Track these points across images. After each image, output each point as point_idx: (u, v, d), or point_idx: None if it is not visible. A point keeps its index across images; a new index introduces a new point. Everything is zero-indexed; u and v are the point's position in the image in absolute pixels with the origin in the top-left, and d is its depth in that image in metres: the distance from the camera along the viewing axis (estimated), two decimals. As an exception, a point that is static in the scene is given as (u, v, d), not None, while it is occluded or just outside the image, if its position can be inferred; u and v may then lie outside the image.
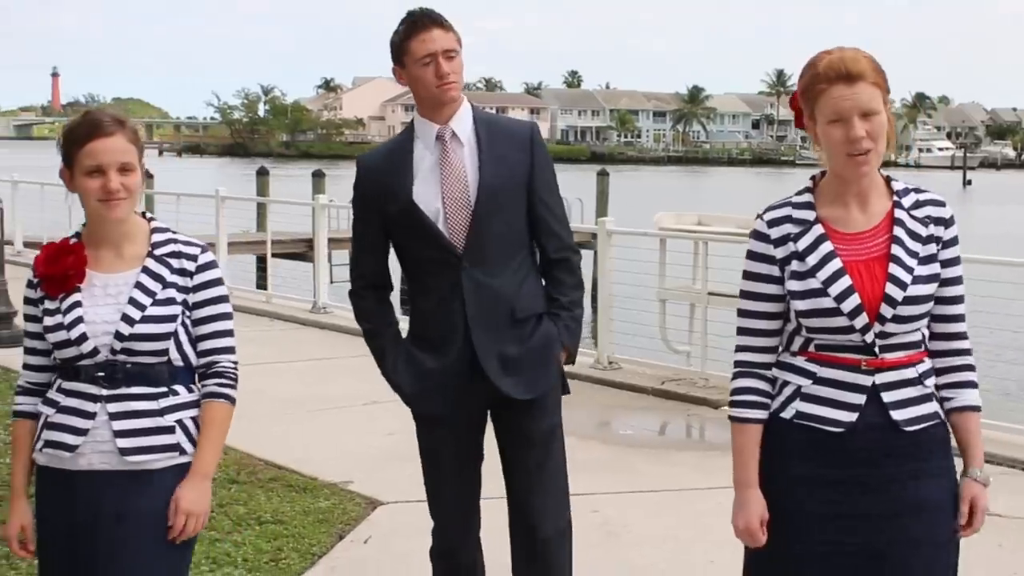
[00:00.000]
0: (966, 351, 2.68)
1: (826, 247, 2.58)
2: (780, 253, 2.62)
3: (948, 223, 2.63)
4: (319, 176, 26.11)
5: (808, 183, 2.68)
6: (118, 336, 2.75)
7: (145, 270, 2.82)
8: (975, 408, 2.68)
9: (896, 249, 2.58)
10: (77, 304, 2.79)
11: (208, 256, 2.89)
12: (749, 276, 2.67)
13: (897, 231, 2.59)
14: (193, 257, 2.86)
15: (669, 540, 5.17)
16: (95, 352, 2.77)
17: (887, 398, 2.57)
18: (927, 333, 2.64)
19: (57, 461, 2.80)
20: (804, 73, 2.58)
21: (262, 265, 16.95)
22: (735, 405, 2.68)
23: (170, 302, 2.81)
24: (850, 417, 2.56)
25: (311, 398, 7.83)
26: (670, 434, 7.55)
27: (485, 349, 3.43)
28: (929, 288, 2.58)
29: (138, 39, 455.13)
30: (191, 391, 2.87)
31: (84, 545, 2.77)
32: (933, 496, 2.59)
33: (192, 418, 2.85)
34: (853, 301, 2.53)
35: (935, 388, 2.65)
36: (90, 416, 2.78)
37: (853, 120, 2.50)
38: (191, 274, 2.85)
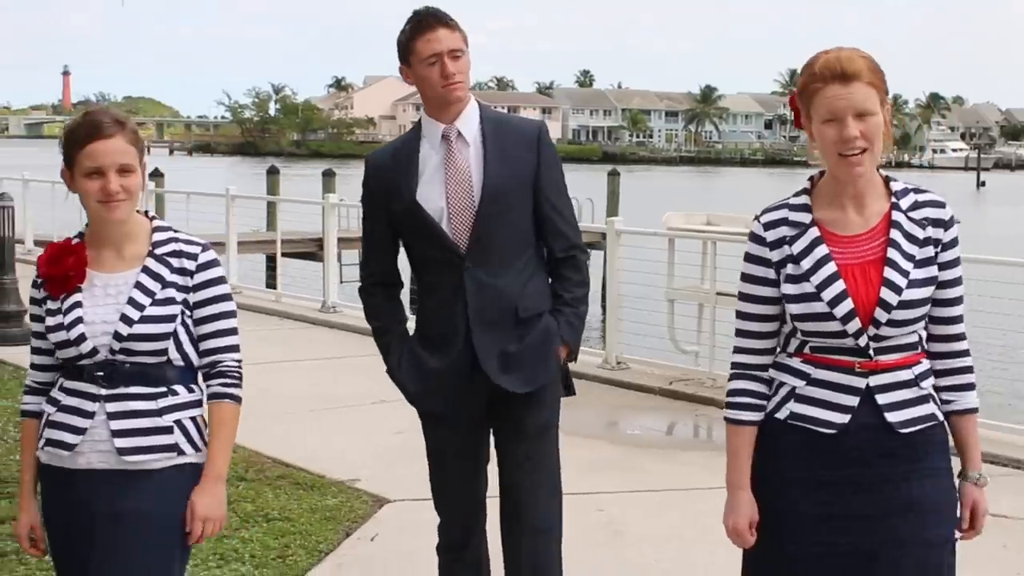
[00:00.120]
0: (964, 352, 2.67)
1: (821, 250, 2.57)
2: (776, 256, 2.61)
3: (948, 225, 2.60)
4: (329, 175, 26.16)
5: (806, 184, 2.66)
6: (116, 336, 2.75)
7: (145, 270, 2.80)
8: (973, 410, 2.68)
9: (892, 252, 2.55)
10: (77, 304, 2.78)
11: (209, 255, 2.86)
12: (746, 278, 2.67)
13: (894, 234, 2.57)
14: (193, 256, 2.84)
15: (673, 539, 5.18)
16: (94, 352, 2.76)
17: (881, 400, 2.56)
18: (924, 335, 2.62)
19: (57, 460, 2.80)
20: (802, 72, 2.58)
21: (272, 264, 16.99)
22: (730, 406, 2.69)
23: (169, 302, 2.79)
24: (843, 419, 2.55)
25: (320, 397, 7.86)
26: (677, 434, 7.57)
27: (486, 350, 3.42)
28: (925, 292, 2.56)
29: (149, 38, 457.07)
30: (191, 391, 2.85)
31: (82, 544, 2.77)
32: (925, 497, 2.57)
33: (192, 418, 2.84)
34: (846, 306, 2.52)
35: (934, 389, 2.63)
36: (89, 415, 2.77)
37: (847, 120, 2.49)
38: (191, 273, 2.83)
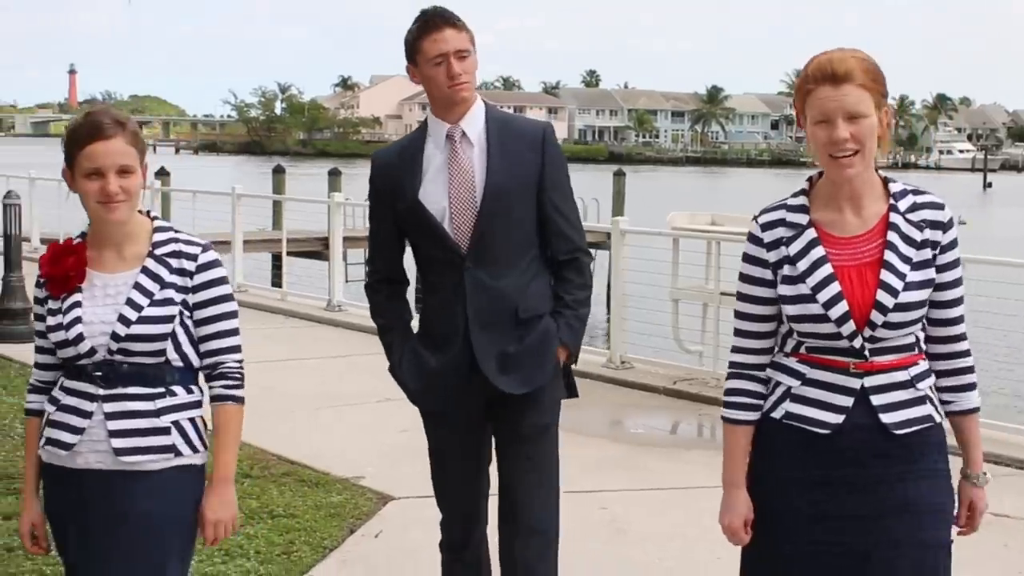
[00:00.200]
0: (965, 352, 2.67)
1: (817, 252, 2.57)
2: (773, 257, 2.62)
3: (946, 227, 2.59)
4: (335, 174, 26.19)
5: (804, 184, 2.67)
6: (114, 336, 2.73)
7: (144, 270, 2.79)
8: (974, 410, 2.68)
9: (889, 255, 2.55)
10: (77, 304, 2.78)
11: (209, 255, 2.84)
12: (744, 279, 2.68)
13: (891, 236, 2.56)
14: (193, 257, 2.81)
15: (676, 538, 5.20)
16: (92, 352, 2.75)
17: (876, 401, 2.56)
18: (923, 336, 2.63)
19: (57, 459, 2.80)
20: (800, 74, 2.60)
21: (277, 263, 17.04)
22: (727, 406, 2.70)
23: (168, 302, 2.77)
24: (837, 419, 2.56)
25: (325, 395, 7.88)
26: (681, 433, 7.58)
27: (484, 351, 3.43)
28: (922, 294, 2.56)
29: (156, 37, 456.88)
30: (190, 392, 2.83)
31: (82, 543, 2.78)
32: (921, 498, 2.57)
33: (191, 420, 2.81)
34: (841, 308, 2.52)
35: (935, 390, 2.64)
36: (87, 415, 2.76)
37: (837, 121, 2.49)
38: (191, 274, 2.80)
